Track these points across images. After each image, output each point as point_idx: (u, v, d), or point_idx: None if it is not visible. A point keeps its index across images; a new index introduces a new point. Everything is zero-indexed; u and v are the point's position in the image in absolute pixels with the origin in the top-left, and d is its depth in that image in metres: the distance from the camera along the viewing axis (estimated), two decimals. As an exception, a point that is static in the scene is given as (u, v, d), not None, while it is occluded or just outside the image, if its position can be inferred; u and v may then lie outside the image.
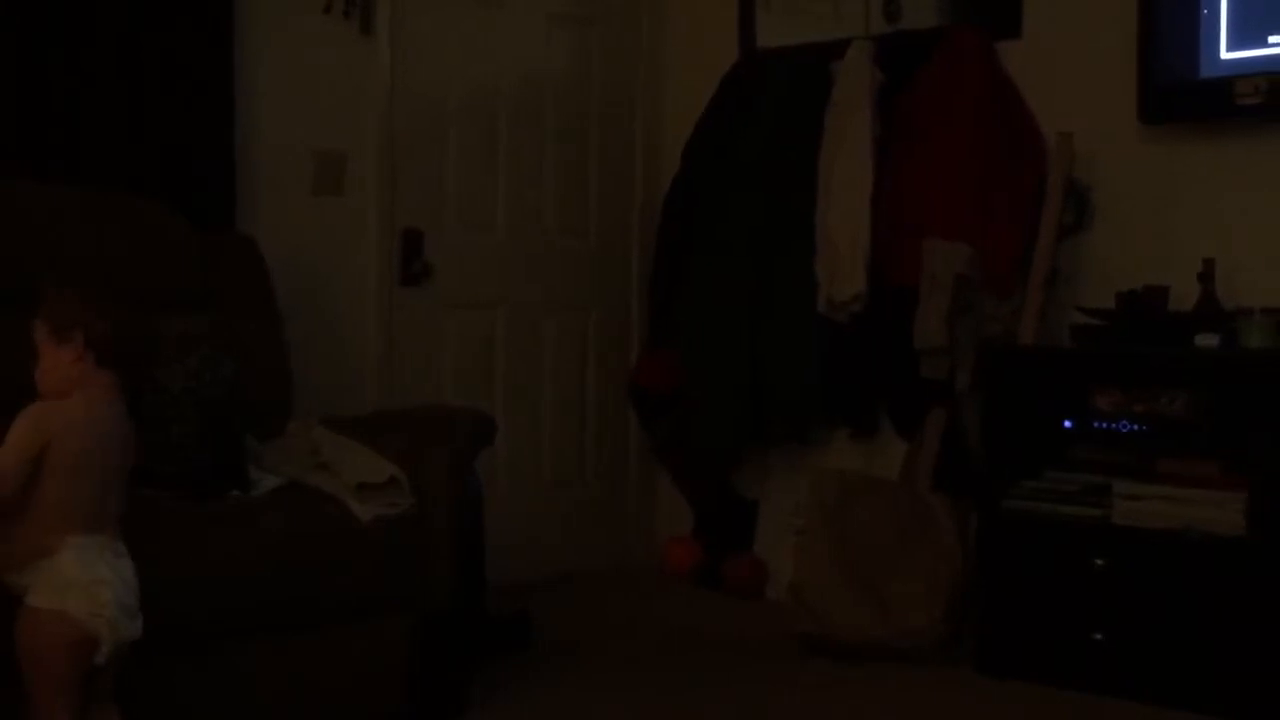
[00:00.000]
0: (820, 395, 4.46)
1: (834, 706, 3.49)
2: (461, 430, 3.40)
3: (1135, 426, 3.70)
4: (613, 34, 5.06)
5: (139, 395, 2.84)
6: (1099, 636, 3.58)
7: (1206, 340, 3.61)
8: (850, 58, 4.42)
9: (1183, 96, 3.94)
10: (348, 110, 4.25)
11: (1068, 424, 3.82)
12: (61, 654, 2.37)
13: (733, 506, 4.85)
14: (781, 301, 4.48)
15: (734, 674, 3.76)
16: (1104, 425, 3.75)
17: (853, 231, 4.29)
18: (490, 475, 3.72)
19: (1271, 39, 3.77)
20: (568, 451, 4.96)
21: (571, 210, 4.94)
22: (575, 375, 4.97)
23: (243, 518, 3.00)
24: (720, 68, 4.80)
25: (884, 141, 4.33)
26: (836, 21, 4.64)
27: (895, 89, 4.37)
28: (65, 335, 2.47)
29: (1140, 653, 3.52)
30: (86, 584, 2.39)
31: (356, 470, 3.17)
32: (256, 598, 2.91)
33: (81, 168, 3.53)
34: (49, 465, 2.41)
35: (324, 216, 4.21)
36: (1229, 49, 3.83)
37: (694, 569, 4.82)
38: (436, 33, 4.47)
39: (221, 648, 2.86)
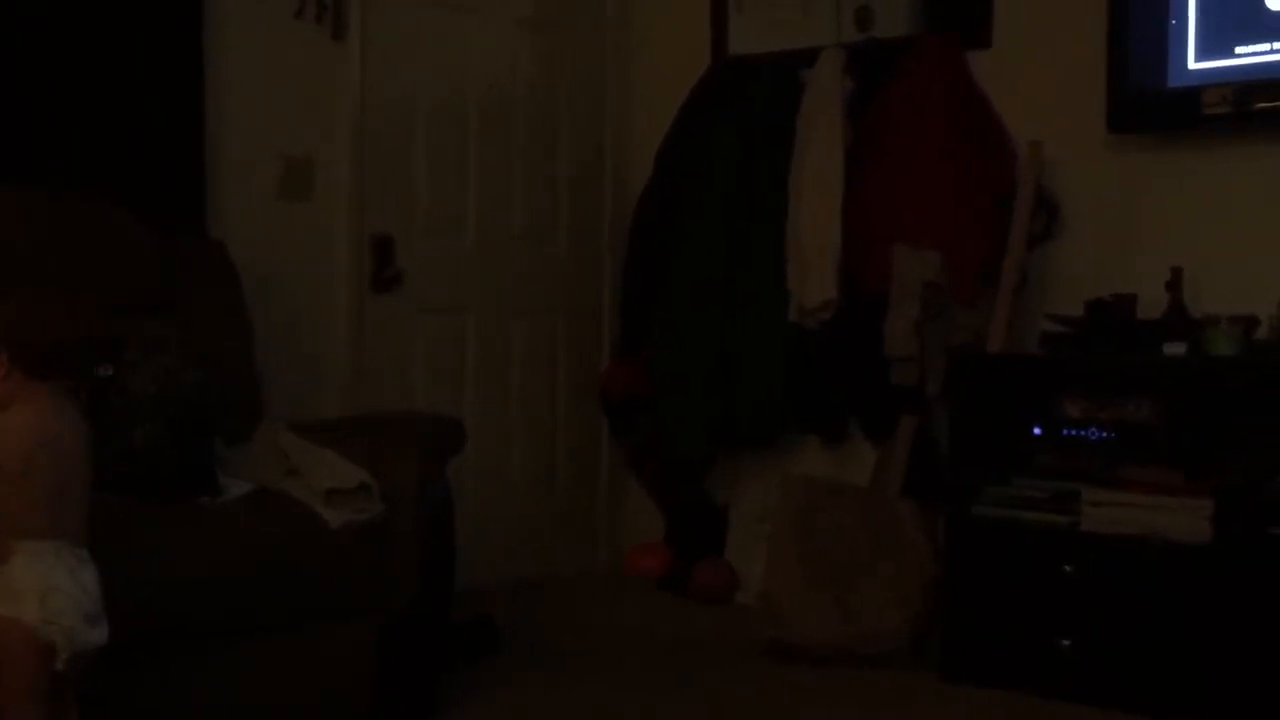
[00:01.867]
0: (787, 402, 4.47)
1: (801, 712, 3.49)
2: (431, 436, 3.39)
3: (1103, 434, 3.72)
4: (582, 40, 5.06)
5: (102, 398, 2.82)
6: (1066, 643, 3.59)
7: (1174, 348, 3.63)
8: (821, 66, 4.44)
9: (1151, 106, 3.97)
10: (318, 115, 4.24)
11: (1037, 431, 3.83)
12: (18, 661, 2.34)
13: (703, 512, 4.86)
14: (751, 308, 4.49)
15: (701, 679, 3.75)
16: (1072, 432, 3.77)
17: (823, 239, 4.30)
18: (460, 480, 3.71)
19: (1239, 49, 3.80)
20: (538, 457, 4.96)
21: (541, 216, 4.94)
22: (545, 381, 4.97)
23: (211, 523, 2.98)
24: (692, 74, 4.81)
25: (855, 149, 4.35)
26: (808, 29, 4.65)
27: (866, 97, 4.38)
28: None
29: (1107, 659, 3.53)
30: (41, 591, 2.35)
31: (325, 475, 3.16)
32: (225, 602, 2.89)
33: (47, 172, 3.50)
34: None
35: (294, 221, 4.19)
36: (1197, 59, 3.86)
37: (664, 574, 4.82)
38: (407, 38, 4.46)
39: (190, 652, 2.85)
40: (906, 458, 4.17)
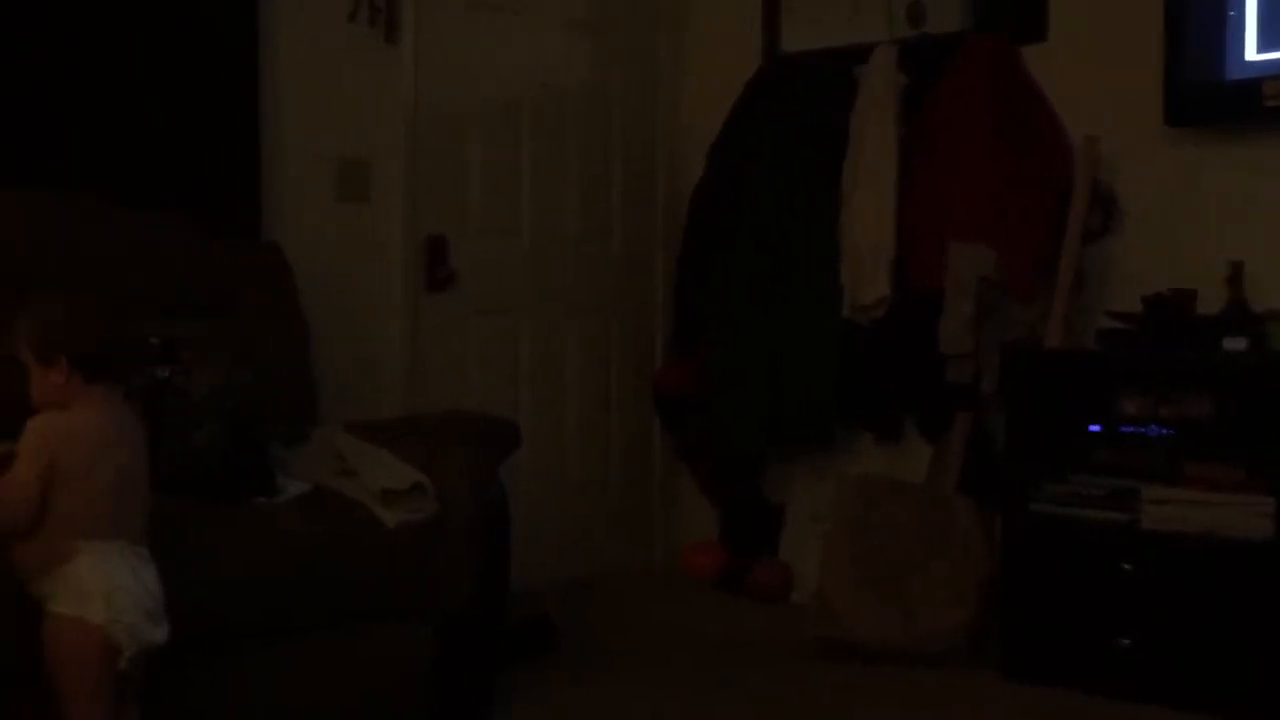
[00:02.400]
0: (839, 400, 4.45)
1: (857, 711, 3.48)
2: (485, 436, 3.41)
3: (1162, 430, 3.68)
4: (633, 40, 5.06)
5: (159, 400, 2.85)
6: (1126, 641, 3.55)
7: (1234, 343, 3.59)
8: (874, 62, 4.42)
9: (1209, 99, 3.92)
10: (372, 118, 4.26)
11: (1094, 428, 3.80)
12: (84, 660, 2.38)
13: (758, 511, 4.85)
14: (803, 306, 4.47)
15: (757, 678, 3.75)
16: (1131, 429, 3.73)
17: (876, 236, 4.28)
18: (514, 481, 3.72)
19: (1299, 40, 3.75)
20: (592, 456, 4.96)
21: (594, 216, 4.95)
22: (599, 380, 4.98)
23: (269, 523, 3.00)
24: (744, 73, 4.80)
25: (908, 145, 4.32)
26: (860, 26, 4.62)
27: (919, 92, 4.36)
28: (49, 357, 2.47)
29: (1167, 658, 3.50)
30: (105, 591, 2.40)
31: (381, 476, 3.18)
32: (283, 602, 2.92)
33: (106, 178, 3.54)
34: (58, 477, 2.43)
35: (349, 223, 4.22)
36: (1257, 50, 3.80)
37: (718, 573, 4.81)
38: (459, 40, 4.47)
39: (247, 651, 2.87)
40: (962, 455, 4.15)
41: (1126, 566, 3.57)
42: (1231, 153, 3.95)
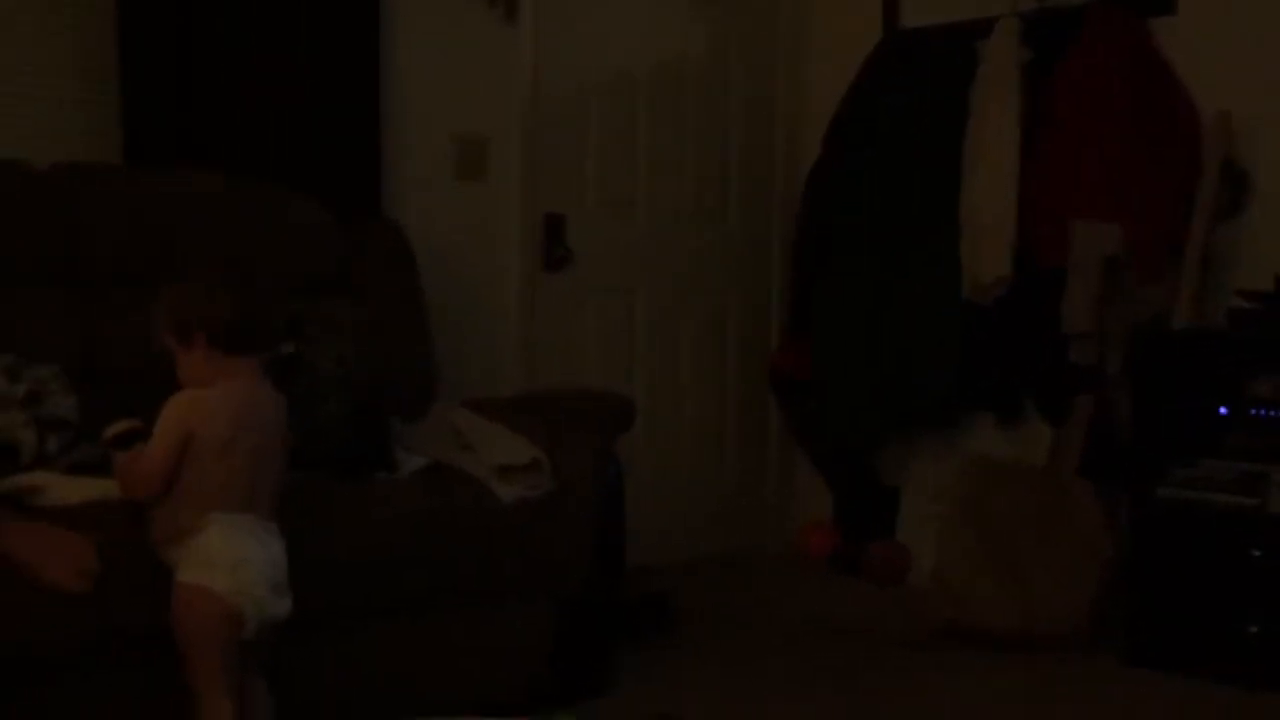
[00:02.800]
0: (964, 382, 4.39)
1: (976, 696, 3.44)
2: (602, 414, 3.42)
3: (1295, 414, 3.59)
4: (753, 16, 5.03)
5: (286, 376, 2.90)
6: (1254, 629, 3.48)
7: (1370, 324, 3.49)
8: (997, 36, 4.34)
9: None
10: (491, 96, 4.29)
11: (1223, 411, 3.71)
12: (208, 628, 2.43)
13: (874, 492, 4.81)
14: (924, 285, 4.41)
15: (872, 660, 3.73)
16: (1262, 412, 3.64)
17: (998, 213, 4.22)
18: (630, 459, 3.73)
19: None
20: (707, 435, 4.96)
21: (711, 194, 4.93)
22: (715, 359, 4.97)
23: (389, 498, 3.04)
24: (863, 49, 4.75)
25: (1031, 120, 4.25)
26: (981, 0, 4.56)
27: (1043, 67, 4.28)
28: (187, 336, 2.53)
29: (1298, 647, 3.42)
30: (232, 562, 2.45)
31: (498, 452, 3.20)
32: (403, 578, 2.95)
33: (229, 157, 3.60)
34: (193, 450, 2.49)
35: (467, 201, 4.25)
36: (1397, 21, 3.69)
37: (833, 554, 4.79)
38: (578, 18, 4.48)
39: (366, 629, 2.91)
40: (1083, 438, 4.08)
41: (1255, 552, 3.49)
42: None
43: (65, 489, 2.69)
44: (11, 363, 2.91)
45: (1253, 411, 3.66)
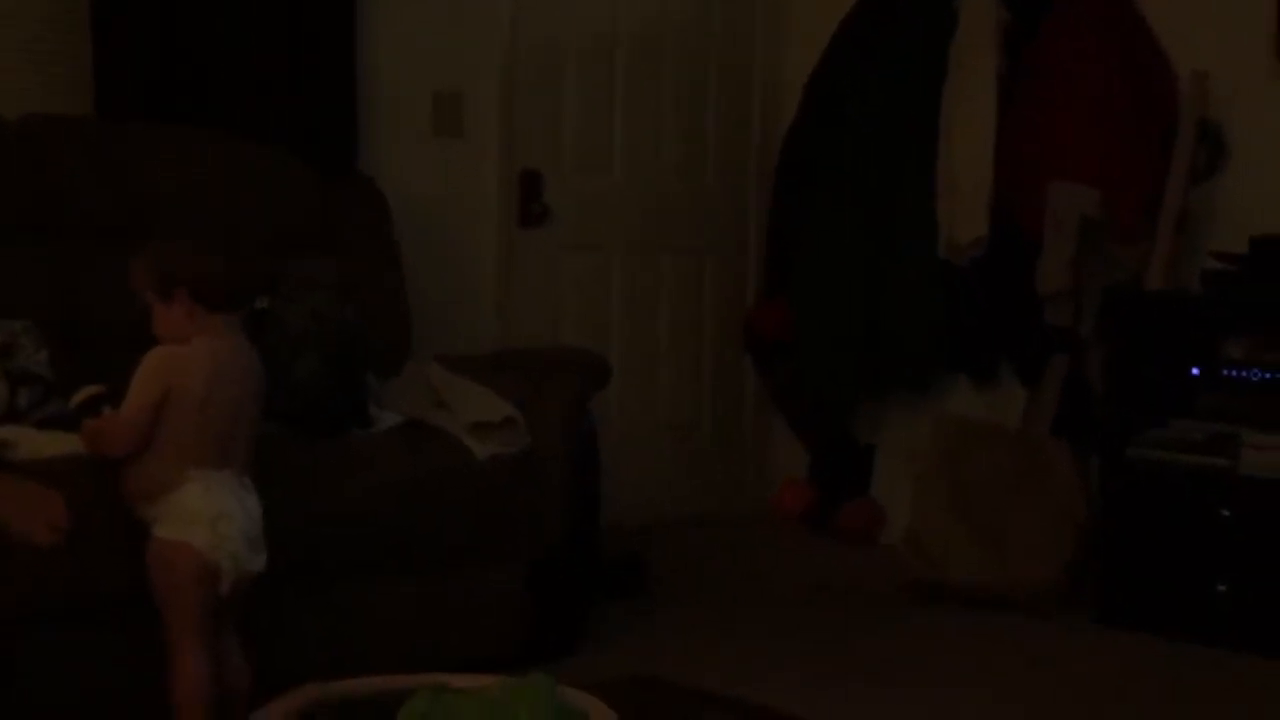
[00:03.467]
0: (943, 342, 4.40)
1: (949, 653, 3.47)
2: (577, 372, 3.41)
3: (1266, 375, 3.61)
4: (732, -25, 5.00)
5: (258, 332, 2.89)
6: (1223, 588, 3.51)
7: (1343, 287, 3.51)
8: (976, -4, 4.33)
9: (1324, 34, 3.81)
10: (468, 52, 4.26)
11: (1195, 372, 3.73)
12: (187, 584, 2.43)
13: (849, 451, 4.82)
14: (902, 246, 4.41)
15: (846, 619, 3.75)
16: (1234, 374, 3.66)
17: (975, 174, 4.22)
18: (605, 417, 3.73)
19: None
20: (683, 394, 4.96)
21: (689, 153, 4.91)
22: (691, 319, 4.96)
23: (363, 455, 3.04)
24: (842, 7, 4.72)
25: (1009, 81, 4.24)
26: (962, -41, 4.54)
27: (1021, 28, 4.27)
28: (169, 292, 2.51)
29: (1266, 605, 3.44)
30: (210, 517, 2.44)
31: (473, 409, 3.20)
32: (377, 534, 2.96)
33: (207, 111, 3.57)
34: (171, 407, 2.47)
35: (444, 158, 4.23)
36: (1375, -16, 3.69)
37: (808, 513, 4.81)
38: (556, -26, 4.46)
39: (341, 585, 2.92)
40: (1057, 398, 4.09)
41: (1225, 513, 3.52)
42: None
43: (37, 443, 2.68)
44: (-19, 317, 2.90)
45: (1225, 373, 3.68)
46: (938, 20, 4.42)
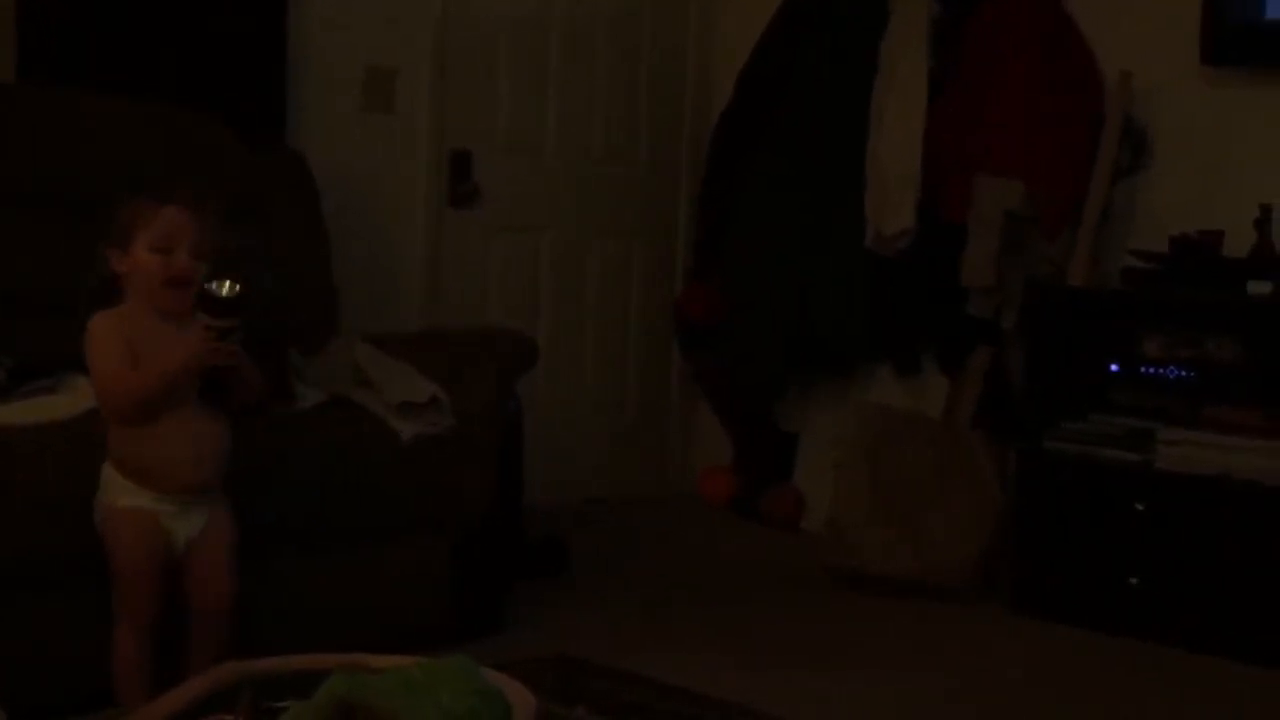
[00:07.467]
0: (867, 332, 4.43)
1: (865, 640, 3.50)
2: (504, 352, 3.40)
3: (1182, 372, 3.67)
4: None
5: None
6: (1135, 581, 3.57)
7: (1259, 287, 3.57)
8: (908, -11, 4.36)
9: (1248, 39, 3.86)
10: (401, 27, 4.23)
11: (1114, 367, 3.79)
12: (140, 550, 2.46)
13: (773, 438, 4.85)
14: (831, 235, 4.44)
15: (766, 604, 3.77)
16: (1151, 370, 3.72)
17: (904, 166, 4.25)
18: (531, 398, 3.73)
19: (1343, -19, 3.69)
20: (609, 377, 4.97)
21: (621, 136, 4.92)
22: (619, 302, 4.97)
23: (288, 431, 3.01)
24: (777, -7, 4.74)
25: (939, 75, 4.28)
26: (895, -48, 4.56)
27: (953, 22, 4.30)
28: (127, 243, 2.49)
29: (1177, 598, 3.51)
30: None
31: (399, 389, 3.18)
32: (299, 511, 2.94)
33: (128, 78, 3.52)
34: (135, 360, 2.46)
35: (374, 134, 4.20)
36: (1298, -9, 3.75)
37: (732, 499, 4.83)
38: (491, -49, 4.43)
39: (260, 559, 2.88)
40: (978, 390, 4.14)
41: (1139, 506, 3.58)
42: (1268, 95, 3.90)
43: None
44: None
45: (1142, 369, 3.74)
46: (870, 12, 4.45)
